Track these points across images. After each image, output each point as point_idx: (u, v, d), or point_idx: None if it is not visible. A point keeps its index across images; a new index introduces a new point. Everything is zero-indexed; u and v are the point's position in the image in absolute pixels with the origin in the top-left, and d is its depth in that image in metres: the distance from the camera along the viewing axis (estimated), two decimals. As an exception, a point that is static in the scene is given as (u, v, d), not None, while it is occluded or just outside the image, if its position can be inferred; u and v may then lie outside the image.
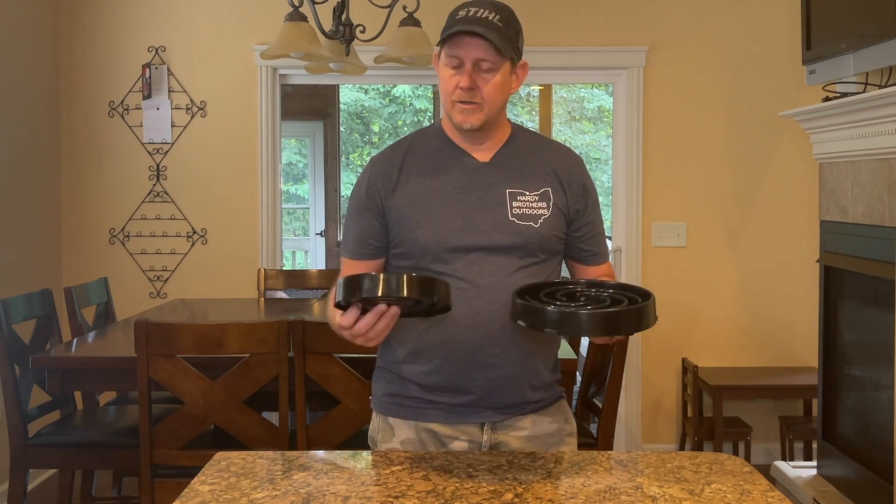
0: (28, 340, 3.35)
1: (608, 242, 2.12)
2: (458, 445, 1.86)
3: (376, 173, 1.90)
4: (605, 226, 2.02)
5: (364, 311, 1.61)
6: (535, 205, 1.86)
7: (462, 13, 1.80)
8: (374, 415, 1.97)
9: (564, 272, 2.00)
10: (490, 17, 1.78)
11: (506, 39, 1.79)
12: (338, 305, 1.62)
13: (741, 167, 4.69)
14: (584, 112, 11.54)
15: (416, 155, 1.91)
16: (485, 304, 1.80)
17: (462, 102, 1.81)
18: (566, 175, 1.91)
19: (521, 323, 1.67)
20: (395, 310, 1.61)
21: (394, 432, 1.90)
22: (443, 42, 1.80)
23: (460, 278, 1.81)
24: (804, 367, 4.61)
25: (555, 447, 1.91)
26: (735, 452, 4.58)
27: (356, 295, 1.57)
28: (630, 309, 1.60)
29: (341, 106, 9.37)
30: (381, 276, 1.56)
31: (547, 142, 2.02)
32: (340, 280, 1.60)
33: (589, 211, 1.94)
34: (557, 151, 1.97)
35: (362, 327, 1.62)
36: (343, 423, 2.77)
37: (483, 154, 1.90)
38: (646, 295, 1.66)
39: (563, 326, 1.60)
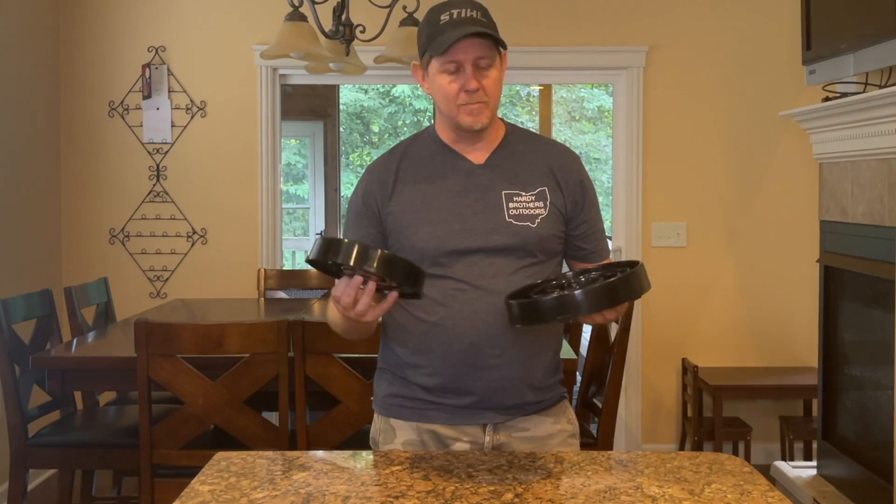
0: (28, 340, 3.35)
1: (608, 242, 2.11)
2: (461, 447, 1.86)
3: (372, 181, 1.91)
4: (604, 225, 2.01)
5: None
6: (531, 205, 1.86)
7: (445, 17, 1.80)
8: (375, 416, 1.96)
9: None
10: (475, 16, 1.80)
11: (496, 33, 1.81)
12: (308, 261, 1.64)
13: (741, 167, 4.69)
14: (584, 112, 11.55)
15: (412, 161, 1.91)
16: (485, 306, 1.79)
17: (469, 104, 1.82)
18: (563, 173, 1.91)
19: (519, 325, 1.68)
20: (372, 285, 1.61)
21: (395, 433, 1.90)
22: (437, 51, 1.79)
23: (460, 280, 1.81)
24: (804, 367, 4.61)
25: (557, 448, 1.91)
26: (735, 452, 4.58)
27: (325, 256, 1.59)
28: (621, 277, 1.59)
29: (341, 106, 9.37)
30: (355, 245, 1.57)
31: (542, 140, 2.02)
32: (317, 239, 1.63)
33: (586, 208, 1.93)
34: (553, 149, 1.97)
35: (346, 300, 1.62)
36: (343, 423, 2.77)
37: (478, 156, 1.90)
38: (634, 264, 1.66)
39: (563, 310, 1.59)
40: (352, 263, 1.56)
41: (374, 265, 1.56)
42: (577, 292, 1.58)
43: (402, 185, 1.87)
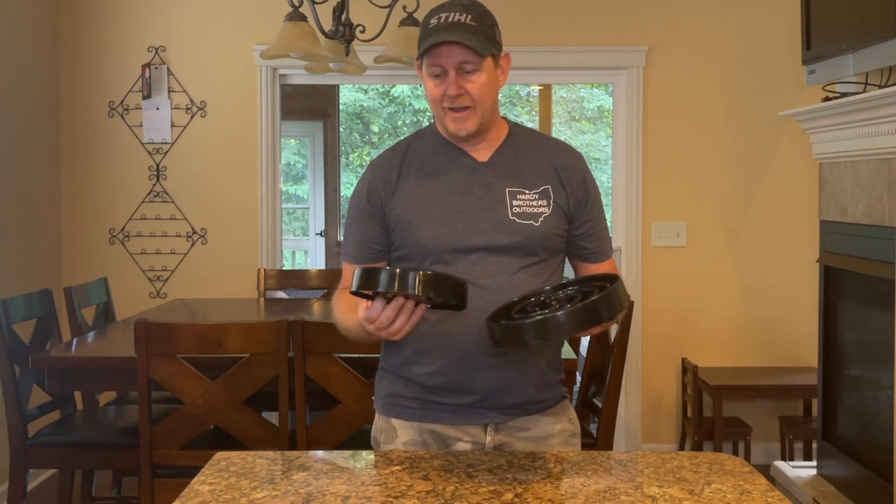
0: (28, 340, 3.35)
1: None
2: (462, 446, 1.86)
3: (375, 177, 1.90)
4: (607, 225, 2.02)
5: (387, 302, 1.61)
6: (535, 203, 1.86)
7: (434, 21, 1.79)
8: (376, 415, 1.96)
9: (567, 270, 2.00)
10: (463, 19, 1.77)
11: (483, 37, 1.78)
12: (353, 293, 1.61)
13: (741, 167, 4.69)
14: (583, 112, 11.54)
15: (414, 157, 1.91)
16: (488, 305, 1.79)
17: (453, 110, 1.81)
18: (566, 172, 1.91)
19: (502, 348, 1.68)
20: (411, 304, 1.59)
21: (397, 433, 1.90)
22: (421, 54, 1.80)
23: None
24: (804, 367, 4.61)
25: (558, 448, 1.91)
26: (735, 452, 4.58)
27: (371, 287, 1.57)
28: (600, 296, 1.57)
29: (341, 106, 9.36)
30: (398, 272, 1.55)
31: (546, 139, 2.02)
32: (358, 269, 1.59)
33: (589, 207, 1.93)
34: (557, 148, 1.96)
35: (383, 321, 1.60)
36: (343, 423, 2.77)
37: (481, 154, 1.90)
38: (612, 279, 1.66)
39: (545, 333, 1.58)
40: (397, 290, 1.54)
41: (422, 289, 1.54)
42: (559, 314, 1.56)
43: (405, 181, 1.87)
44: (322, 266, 8.69)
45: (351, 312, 1.76)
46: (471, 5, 1.81)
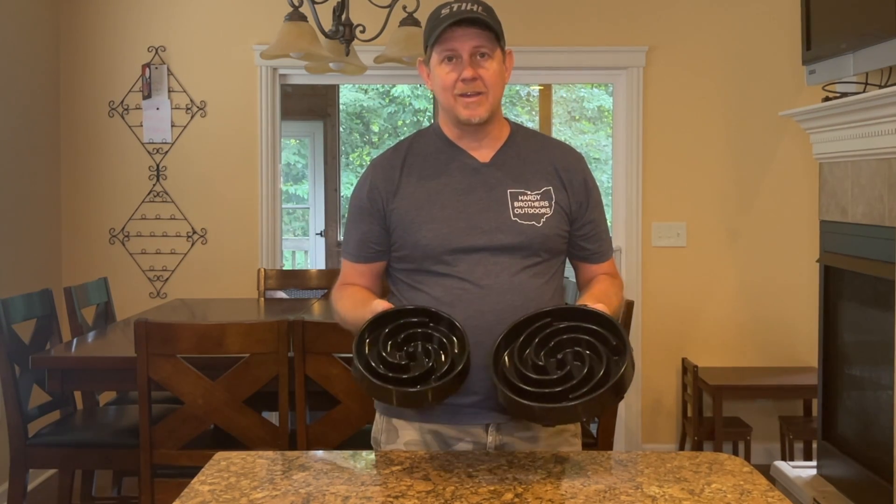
0: (28, 340, 3.35)
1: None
2: (463, 447, 1.86)
3: (377, 176, 1.90)
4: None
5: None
6: (536, 204, 1.86)
7: (445, 11, 1.82)
8: (377, 416, 1.96)
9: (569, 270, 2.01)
10: (475, 9, 1.81)
11: (495, 24, 1.82)
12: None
13: (741, 167, 4.69)
14: (583, 112, 11.53)
15: (416, 157, 1.91)
16: (489, 305, 1.79)
17: (465, 96, 1.82)
18: (567, 173, 1.91)
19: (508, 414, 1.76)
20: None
21: (398, 434, 1.90)
22: (434, 41, 1.81)
23: (464, 279, 1.81)
24: (804, 367, 4.61)
25: (559, 447, 1.91)
26: (735, 452, 4.58)
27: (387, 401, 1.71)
28: (614, 383, 1.55)
29: (341, 106, 9.36)
30: (407, 396, 1.63)
31: (547, 140, 2.02)
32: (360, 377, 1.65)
33: (591, 208, 1.93)
34: (558, 149, 1.97)
35: None
36: (343, 423, 2.77)
37: (483, 154, 1.90)
38: (614, 328, 1.63)
39: (558, 419, 1.63)
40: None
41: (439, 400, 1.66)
42: (573, 404, 1.54)
43: (407, 181, 1.87)
44: (322, 266, 8.69)
45: (357, 309, 1.77)
46: (479, 0, 1.84)
